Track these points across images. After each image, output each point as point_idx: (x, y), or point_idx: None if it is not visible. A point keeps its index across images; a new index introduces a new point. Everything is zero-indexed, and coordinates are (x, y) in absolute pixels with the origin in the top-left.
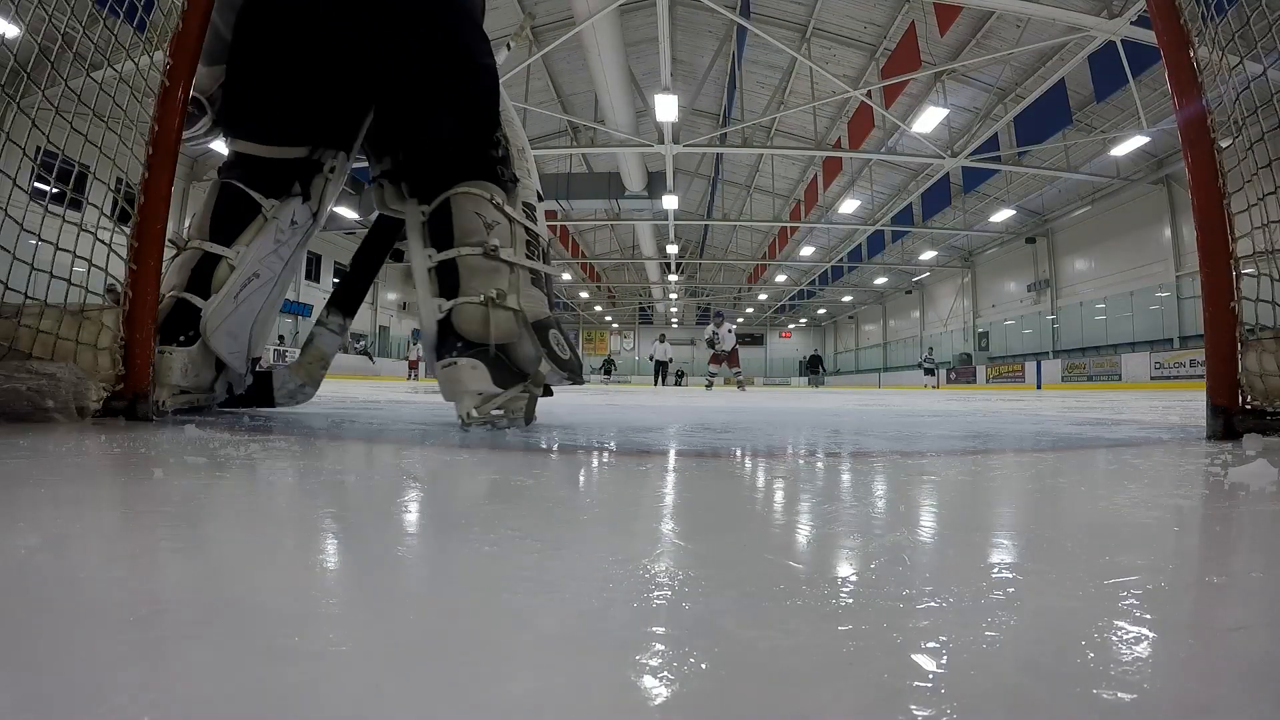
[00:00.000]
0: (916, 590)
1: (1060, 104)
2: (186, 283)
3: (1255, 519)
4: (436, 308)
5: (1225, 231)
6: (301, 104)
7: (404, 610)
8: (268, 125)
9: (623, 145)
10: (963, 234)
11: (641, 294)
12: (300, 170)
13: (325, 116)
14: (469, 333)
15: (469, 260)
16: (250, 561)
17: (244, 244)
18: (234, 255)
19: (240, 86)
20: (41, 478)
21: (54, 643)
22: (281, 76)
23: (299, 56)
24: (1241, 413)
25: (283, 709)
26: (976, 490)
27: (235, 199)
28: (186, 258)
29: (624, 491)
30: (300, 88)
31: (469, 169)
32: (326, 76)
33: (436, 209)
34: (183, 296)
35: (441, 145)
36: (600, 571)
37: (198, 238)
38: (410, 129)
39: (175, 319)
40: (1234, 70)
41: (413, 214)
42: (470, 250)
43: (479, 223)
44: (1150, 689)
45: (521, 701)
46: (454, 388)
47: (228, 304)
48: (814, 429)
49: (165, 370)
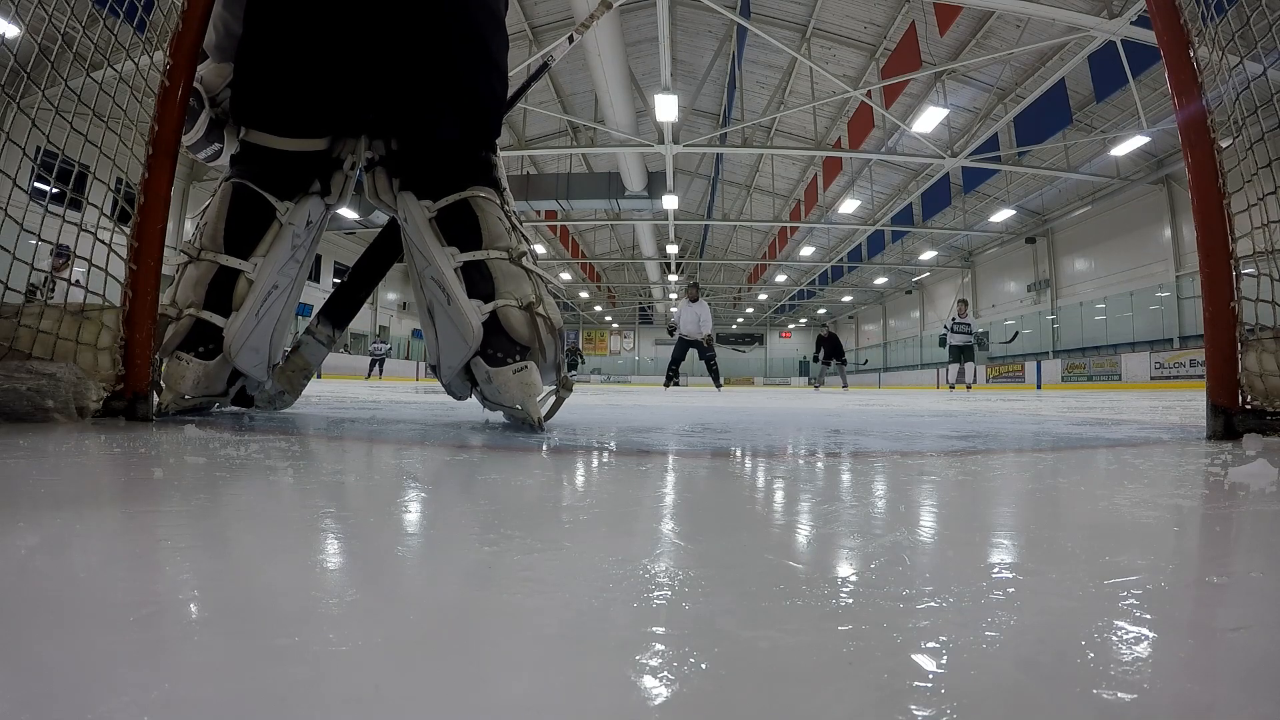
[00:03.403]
0: (916, 590)
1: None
2: (204, 300)
3: (1255, 519)
4: (476, 308)
5: (1225, 231)
6: (323, 89)
7: (404, 610)
8: (287, 113)
9: (623, 145)
10: (963, 234)
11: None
12: (319, 164)
13: (346, 102)
14: (522, 336)
15: (499, 264)
16: (250, 561)
17: (261, 254)
18: (251, 269)
19: (256, 71)
20: (41, 478)
21: (54, 643)
22: (302, 59)
23: (320, 37)
24: (1241, 413)
25: (283, 709)
26: (976, 490)
27: (248, 203)
28: (201, 272)
29: (624, 491)
30: (321, 71)
31: (478, 173)
32: (347, 59)
33: (446, 208)
34: (201, 316)
35: (452, 145)
36: (600, 571)
37: (211, 249)
38: (416, 122)
39: (193, 336)
40: (1234, 70)
41: (416, 209)
42: (499, 254)
43: (502, 227)
44: (1150, 689)
45: (521, 701)
46: (528, 391)
47: (249, 322)
48: (814, 429)
49: (177, 378)
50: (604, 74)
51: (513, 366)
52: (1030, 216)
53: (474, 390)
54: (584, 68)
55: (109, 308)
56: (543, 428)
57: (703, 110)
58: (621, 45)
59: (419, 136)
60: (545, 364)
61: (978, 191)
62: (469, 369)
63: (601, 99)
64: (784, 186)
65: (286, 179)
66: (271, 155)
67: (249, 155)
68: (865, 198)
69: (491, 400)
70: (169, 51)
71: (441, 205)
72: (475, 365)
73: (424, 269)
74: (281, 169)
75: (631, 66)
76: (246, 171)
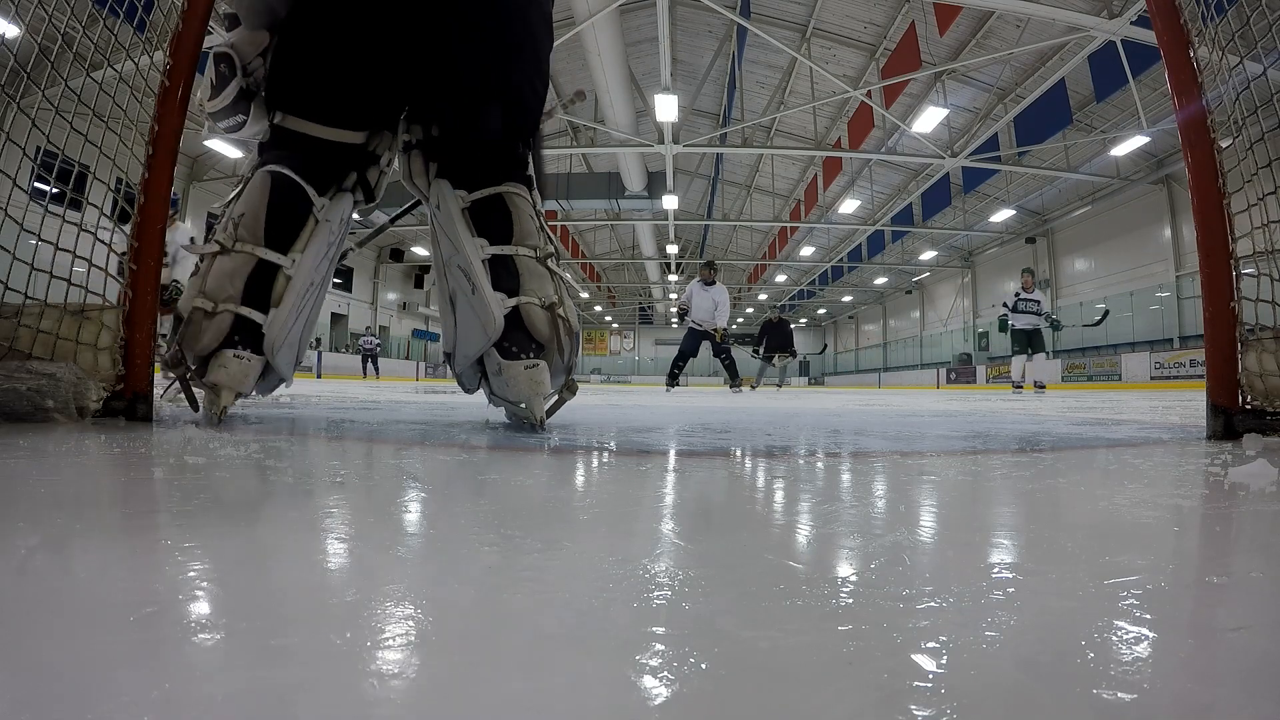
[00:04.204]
0: (916, 590)
1: (1060, 104)
2: (242, 295)
3: (1255, 519)
4: (499, 300)
5: (1225, 231)
6: (374, 77)
7: (404, 610)
8: (335, 99)
9: (623, 145)
10: (963, 234)
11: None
12: (356, 158)
13: (393, 92)
14: (541, 334)
15: (526, 261)
16: (250, 561)
17: (299, 251)
18: (290, 265)
19: (304, 52)
20: (41, 478)
21: (54, 643)
22: (356, 43)
23: (378, 22)
24: (1241, 413)
25: (283, 709)
26: (976, 490)
27: (289, 193)
28: (237, 265)
29: (624, 491)
30: (374, 58)
31: (514, 168)
32: (401, 47)
33: (480, 200)
34: (240, 312)
35: (495, 141)
36: (600, 571)
37: (250, 241)
38: (464, 114)
39: (233, 333)
40: (1234, 70)
41: (450, 197)
42: (526, 251)
43: (533, 226)
44: (1150, 689)
45: (521, 701)
46: (535, 389)
47: (290, 319)
48: (814, 429)
49: (241, 377)
50: (604, 74)
51: (525, 362)
52: (1030, 216)
53: (482, 383)
54: (584, 68)
55: (109, 308)
56: (543, 427)
57: (703, 110)
58: (621, 45)
59: (464, 129)
60: (558, 365)
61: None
62: (481, 361)
63: (601, 99)
64: (784, 186)
65: (325, 171)
66: (311, 145)
67: (284, 142)
68: (865, 198)
69: (498, 394)
70: (169, 51)
71: (476, 197)
72: (489, 357)
73: (451, 256)
74: (321, 160)
75: (631, 66)
76: (285, 160)
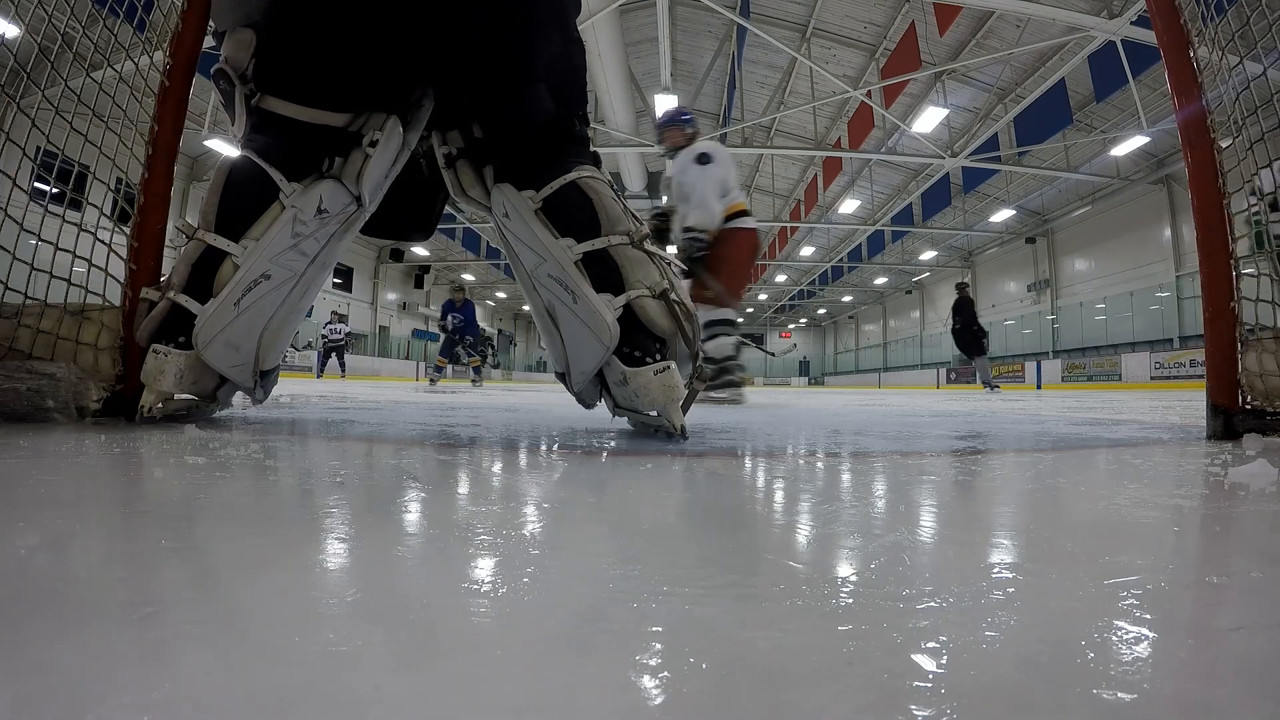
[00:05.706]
0: (916, 590)
1: (1060, 104)
2: (185, 282)
3: (1255, 519)
4: (607, 303)
5: (1225, 231)
6: (357, 56)
7: (404, 610)
8: (312, 79)
9: (623, 145)
10: (963, 234)
11: None
12: (334, 142)
13: (380, 73)
14: (662, 329)
15: (624, 250)
16: (250, 561)
17: (254, 238)
18: (240, 252)
19: (274, 28)
20: (41, 478)
21: (54, 643)
22: (328, 17)
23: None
24: (1241, 413)
25: (283, 709)
26: (976, 490)
27: (249, 179)
28: (190, 251)
29: (624, 491)
30: (351, 32)
31: (578, 147)
32: (398, 20)
33: (552, 195)
34: (177, 300)
35: (548, 123)
36: (600, 571)
37: (202, 227)
38: (505, 101)
39: (171, 323)
40: (1234, 70)
41: (518, 201)
42: (620, 240)
43: (619, 209)
44: (1150, 689)
45: (521, 701)
46: (670, 394)
47: (226, 311)
48: (814, 429)
49: (156, 374)
50: (604, 74)
51: (654, 367)
52: (1030, 216)
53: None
54: None
55: (109, 308)
56: (686, 436)
57: (703, 110)
58: (621, 45)
59: (510, 117)
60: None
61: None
62: (600, 372)
63: (601, 99)
64: (784, 186)
65: (298, 155)
66: (285, 125)
67: (262, 126)
68: (865, 198)
69: (624, 406)
70: (169, 51)
71: (546, 193)
72: (609, 367)
73: (537, 267)
74: (294, 142)
75: (631, 66)
76: (255, 144)
